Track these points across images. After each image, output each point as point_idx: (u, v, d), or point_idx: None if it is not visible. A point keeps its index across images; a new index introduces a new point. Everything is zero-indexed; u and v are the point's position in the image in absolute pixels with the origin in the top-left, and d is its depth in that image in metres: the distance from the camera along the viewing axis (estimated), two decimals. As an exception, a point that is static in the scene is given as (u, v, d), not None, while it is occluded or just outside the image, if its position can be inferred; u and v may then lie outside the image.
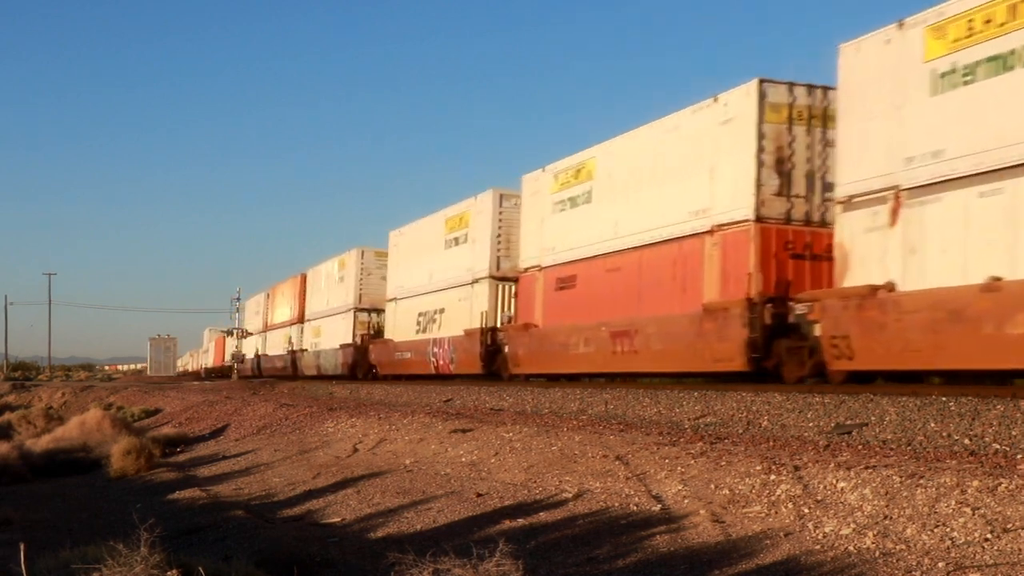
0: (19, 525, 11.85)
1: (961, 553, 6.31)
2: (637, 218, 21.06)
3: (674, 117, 20.30)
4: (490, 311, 27.47)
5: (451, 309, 30.19)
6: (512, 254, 27.52)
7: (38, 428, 27.98)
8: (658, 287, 20.11)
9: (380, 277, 39.26)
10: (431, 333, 31.85)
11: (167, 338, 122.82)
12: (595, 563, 7.55)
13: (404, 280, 34.91)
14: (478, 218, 29.28)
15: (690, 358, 19.08)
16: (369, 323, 39.71)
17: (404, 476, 12.51)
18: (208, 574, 6.02)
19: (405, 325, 34.24)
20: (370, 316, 39.81)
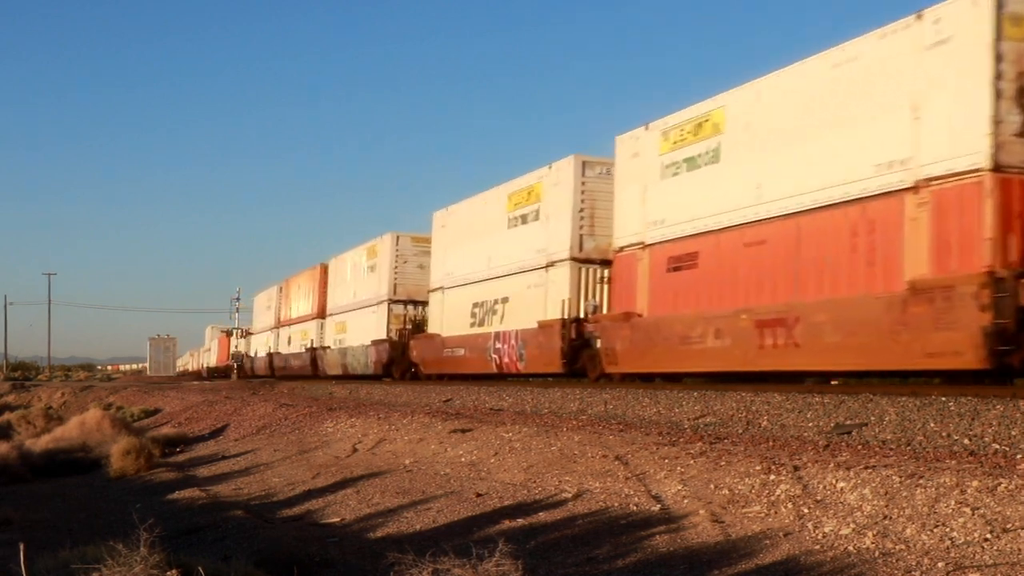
0: (19, 525, 11.85)
1: (961, 553, 6.31)
2: (791, 178, 16.91)
3: (847, 47, 16.22)
4: (572, 299, 23.37)
5: (518, 298, 26.08)
6: (599, 232, 23.44)
7: (38, 428, 27.99)
8: (827, 263, 16.02)
9: (418, 265, 35.64)
10: (491, 326, 27.53)
11: (167, 338, 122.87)
12: (595, 563, 7.55)
13: (454, 266, 30.62)
14: (554, 191, 24.84)
15: (886, 353, 14.86)
16: (405, 316, 35.85)
17: (404, 476, 12.51)
18: (207, 574, 6.02)
19: (456, 318, 30.02)
20: (406, 309, 35.98)
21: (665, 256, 19.92)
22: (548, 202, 25.13)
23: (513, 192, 27.30)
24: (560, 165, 24.66)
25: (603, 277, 23.12)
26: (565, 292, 23.65)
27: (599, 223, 23.62)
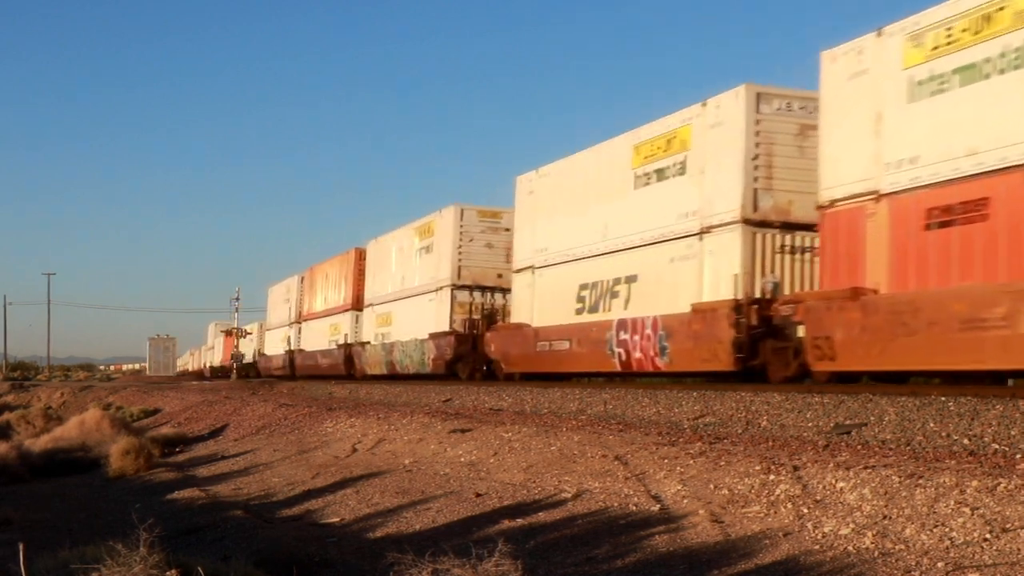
0: (18, 525, 11.85)
1: (960, 553, 6.31)
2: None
3: None
4: (745, 275, 17.88)
5: (653, 276, 20.64)
6: (778, 186, 18.27)
7: (37, 428, 27.99)
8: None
9: (485, 244, 30.65)
10: (609, 312, 21.99)
11: (166, 338, 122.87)
12: (594, 563, 7.55)
13: (549, 240, 25.12)
14: (711, 135, 19.17)
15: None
16: (472, 305, 30.47)
17: (403, 476, 12.51)
18: (207, 574, 6.02)
19: (554, 304, 24.48)
20: (472, 296, 30.61)
21: (921, 207, 14.62)
22: (701, 150, 19.43)
23: (642, 142, 21.48)
24: (723, 100, 19.00)
25: (785, 245, 18.29)
26: (733, 265, 18.14)
27: (779, 175, 18.29)
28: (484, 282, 30.62)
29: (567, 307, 23.88)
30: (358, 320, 40.35)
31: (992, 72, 13.86)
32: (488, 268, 30.63)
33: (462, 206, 31.02)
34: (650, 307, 20.43)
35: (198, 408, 29.26)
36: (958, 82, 14.23)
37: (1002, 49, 13.69)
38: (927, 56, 14.75)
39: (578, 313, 23.45)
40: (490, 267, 30.57)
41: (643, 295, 20.96)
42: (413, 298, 33.73)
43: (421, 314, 32.60)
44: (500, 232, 30.47)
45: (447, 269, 30.94)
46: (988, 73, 13.91)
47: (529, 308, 25.99)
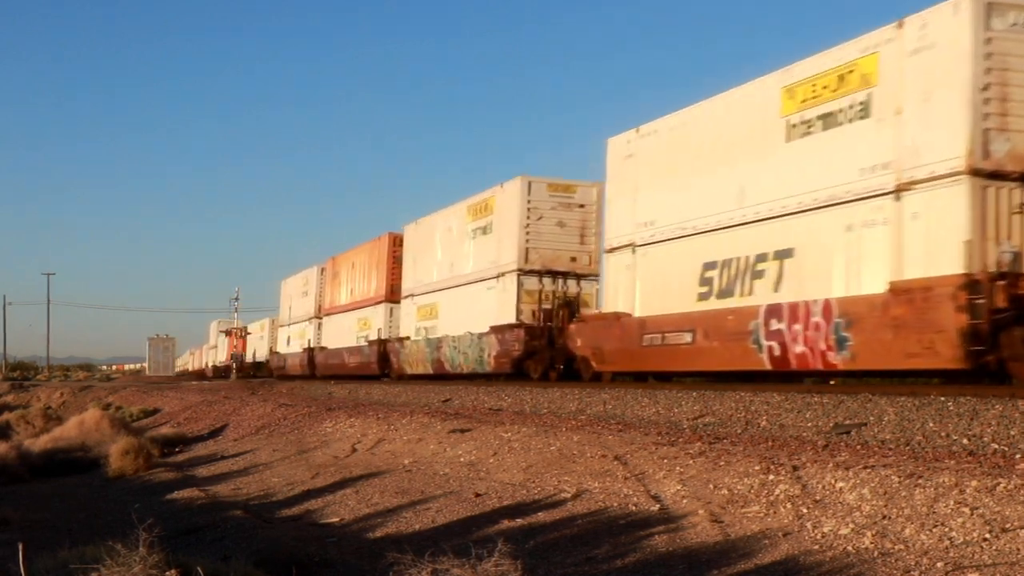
0: (18, 525, 11.84)
1: (960, 553, 6.31)
2: None
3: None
4: (975, 241, 13.77)
5: (817, 249, 16.53)
6: (1015, 124, 14.07)
7: (37, 428, 27.99)
8: None
9: (557, 223, 26.38)
10: (750, 297, 17.88)
11: (166, 338, 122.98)
12: (594, 563, 7.55)
13: (658, 211, 20.72)
14: (910, 63, 14.90)
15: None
16: (542, 293, 26.19)
17: (403, 476, 12.51)
18: (207, 574, 6.02)
19: (665, 288, 20.23)
20: (543, 282, 26.35)
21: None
22: (896, 84, 15.25)
23: (798, 82, 17.29)
24: (931, 16, 14.81)
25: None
26: (955, 229, 14.01)
27: (1017, 110, 14.20)
28: (555, 266, 26.30)
29: (685, 292, 19.58)
30: (392, 313, 36.23)
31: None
32: (560, 250, 26.41)
33: (529, 178, 26.46)
34: (814, 289, 16.34)
35: (197, 408, 29.26)
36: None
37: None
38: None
39: (702, 299, 19.14)
40: (562, 249, 26.43)
41: (803, 274, 16.77)
42: (466, 287, 29.58)
43: (476, 305, 28.39)
44: (573, 208, 26.54)
45: (511, 252, 26.67)
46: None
47: (628, 294, 21.38)
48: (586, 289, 26.36)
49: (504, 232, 27.33)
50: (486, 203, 28.70)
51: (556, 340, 25.19)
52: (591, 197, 26.60)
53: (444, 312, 31.27)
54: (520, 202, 26.46)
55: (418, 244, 34.31)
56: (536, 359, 25.60)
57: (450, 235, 31.38)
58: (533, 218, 26.48)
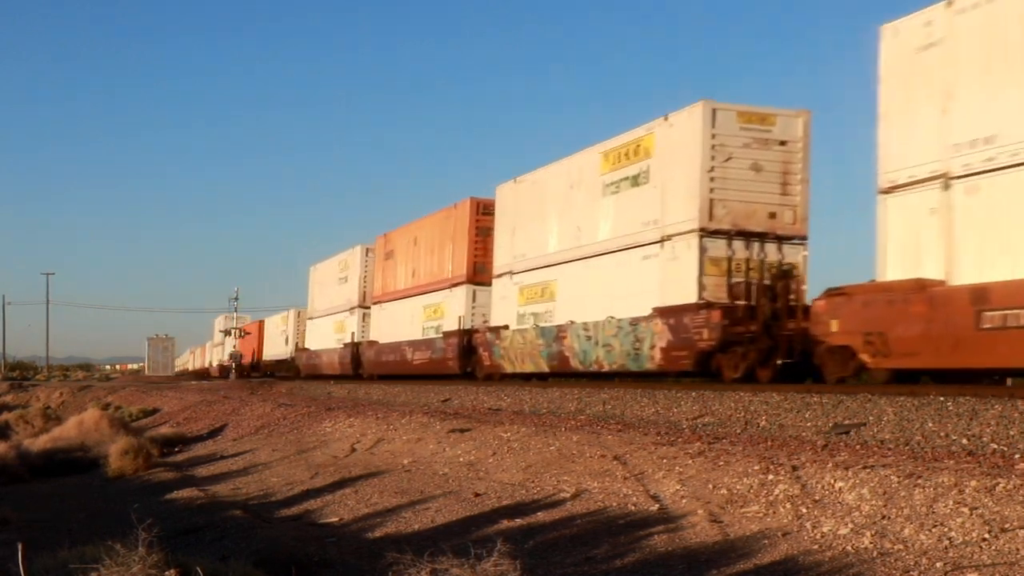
0: (17, 525, 11.84)
1: (959, 553, 6.31)
2: None
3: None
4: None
5: None
6: None
7: (36, 428, 28.02)
8: None
9: (751, 166, 19.45)
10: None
11: (165, 338, 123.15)
12: (593, 563, 7.55)
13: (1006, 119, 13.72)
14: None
15: None
16: (732, 261, 19.28)
17: (402, 476, 12.52)
18: (206, 574, 6.02)
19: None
20: (732, 247, 19.32)
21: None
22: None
23: None
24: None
25: None
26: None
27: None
28: (750, 225, 19.48)
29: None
30: (476, 297, 29.81)
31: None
32: (755, 203, 19.54)
33: (714, 104, 19.52)
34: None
35: (197, 408, 29.26)
36: None
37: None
38: None
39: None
40: (759, 202, 19.55)
41: None
42: (603, 258, 22.60)
43: (623, 281, 21.69)
44: (772, 147, 19.71)
45: (686, 206, 19.72)
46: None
47: (935, 253, 14.73)
48: (789, 256, 19.74)
49: (672, 180, 20.29)
50: (638, 145, 21.61)
51: (775, 326, 18.50)
52: (795, 130, 19.77)
53: (565, 292, 24.18)
54: (701, 137, 19.39)
55: (519, 209, 26.92)
56: (736, 352, 18.59)
57: (573, 193, 24.04)
58: (719, 159, 19.41)
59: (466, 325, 29.86)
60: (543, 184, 25.92)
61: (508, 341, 26.61)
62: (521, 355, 26.00)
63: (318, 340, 47.12)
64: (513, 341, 26.32)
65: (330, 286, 45.81)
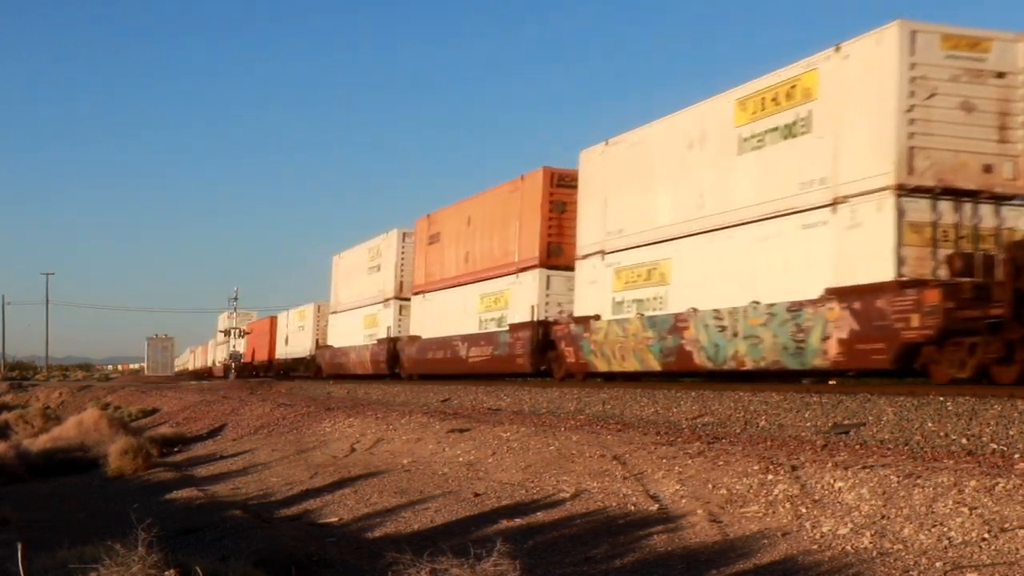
0: (16, 525, 11.83)
1: (959, 553, 6.31)
2: None
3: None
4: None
5: None
6: None
7: (36, 428, 28.02)
8: None
9: (959, 104, 15.17)
10: None
11: (164, 338, 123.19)
12: (593, 563, 7.55)
13: None
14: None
15: None
16: (937, 227, 15.07)
17: (402, 476, 12.52)
18: (206, 574, 6.02)
19: None
20: (937, 209, 15.13)
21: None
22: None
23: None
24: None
25: None
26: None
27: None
28: (958, 181, 15.11)
29: None
30: (551, 284, 25.24)
31: None
32: (966, 153, 15.19)
33: (913, 25, 15.19)
34: None
35: (196, 408, 29.26)
36: None
37: None
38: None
39: None
40: (970, 150, 15.21)
41: None
42: (737, 229, 18.23)
43: (770, 257, 17.38)
44: (986, 81, 15.34)
45: (875, 158, 15.39)
46: None
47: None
48: (1009, 220, 15.38)
49: (849, 126, 15.93)
50: (792, 86, 17.17)
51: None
52: (1016, 59, 15.44)
53: (683, 273, 19.67)
54: (896, 67, 15.07)
55: (612, 176, 22.25)
56: (961, 344, 14.31)
57: (693, 153, 19.64)
58: (920, 96, 15.05)
59: (539, 316, 25.06)
60: (647, 145, 21.08)
61: (601, 334, 21.56)
62: (621, 351, 21.08)
63: (344, 336, 42.25)
64: (609, 334, 21.30)
65: (358, 276, 40.58)
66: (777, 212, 17.25)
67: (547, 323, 24.95)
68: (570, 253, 24.05)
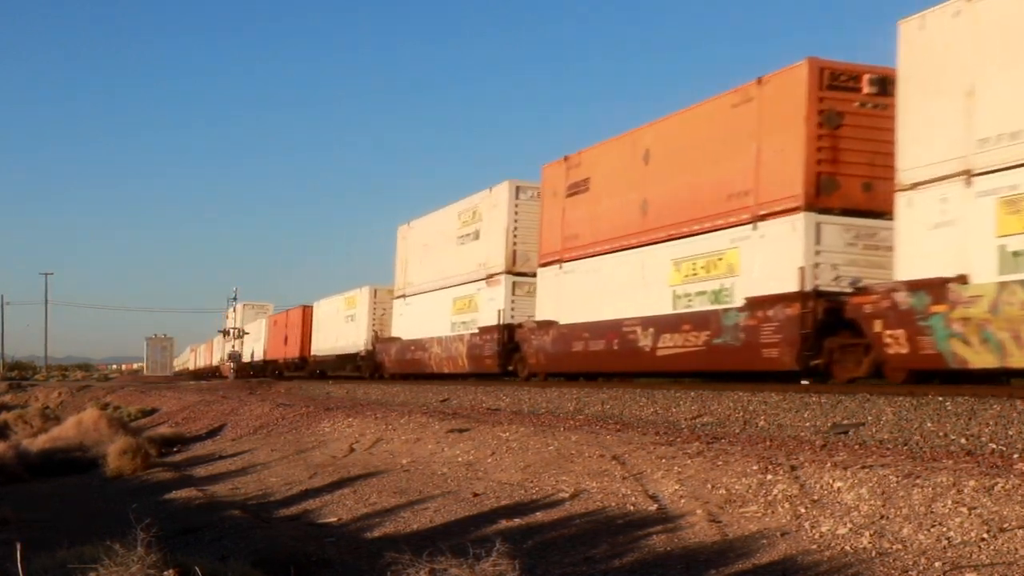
0: (16, 524, 11.83)
1: (958, 553, 6.31)
2: None
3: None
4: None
5: None
6: None
7: (35, 428, 28.00)
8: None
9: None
10: None
11: (164, 337, 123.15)
12: (592, 563, 7.55)
13: None
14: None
15: None
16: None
17: (401, 476, 12.51)
18: (205, 574, 6.02)
19: None
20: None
21: None
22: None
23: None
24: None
25: None
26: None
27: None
28: None
29: None
30: (820, 236, 16.55)
31: None
32: None
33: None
34: None
35: (196, 408, 29.25)
36: None
37: None
38: None
39: None
40: None
41: None
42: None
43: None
44: None
45: None
46: None
47: None
48: None
49: None
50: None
51: None
52: None
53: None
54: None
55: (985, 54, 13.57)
56: None
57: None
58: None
59: (807, 285, 16.32)
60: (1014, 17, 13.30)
61: (986, 307, 13.07)
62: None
63: (418, 325, 33.70)
64: (1002, 307, 12.90)
65: (442, 249, 32.18)
66: None
67: (829, 296, 16.25)
68: (853, 188, 16.70)
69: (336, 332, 46.74)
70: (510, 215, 27.43)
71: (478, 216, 29.73)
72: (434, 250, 33.07)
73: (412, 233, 35.65)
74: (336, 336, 46.60)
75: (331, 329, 47.75)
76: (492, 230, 28.52)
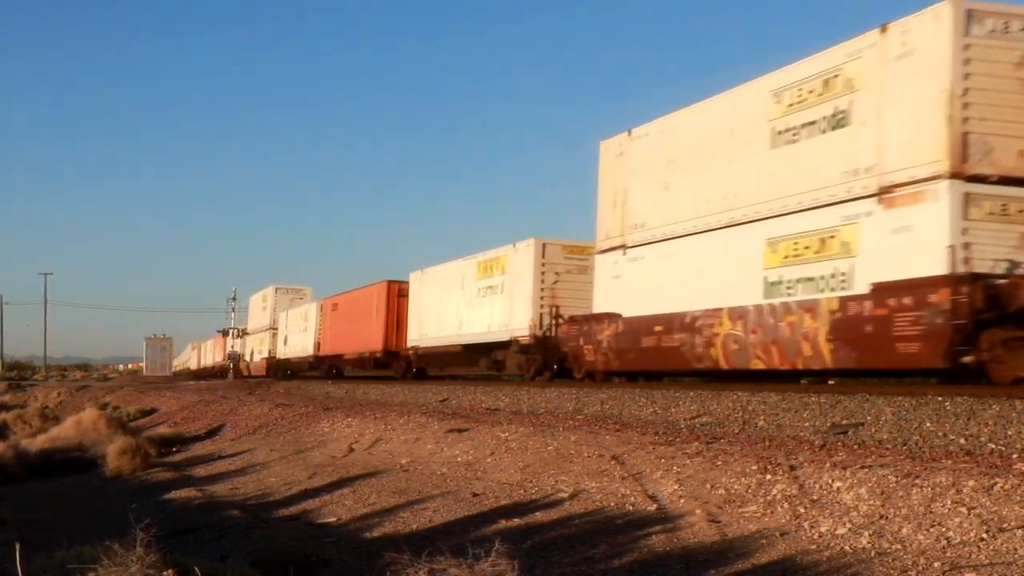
0: (15, 525, 11.83)
1: (957, 553, 6.31)
2: None
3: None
4: None
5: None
6: None
7: (34, 428, 27.99)
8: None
9: None
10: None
11: (163, 337, 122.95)
12: (591, 563, 7.55)
13: None
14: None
15: None
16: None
17: (400, 476, 12.51)
18: (204, 574, 6.02)
19: None
20: None
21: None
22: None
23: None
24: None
25: None
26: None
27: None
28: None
29: None
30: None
31: None
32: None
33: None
34: None
35: (195, 408, 29.24)
36: None
37: None
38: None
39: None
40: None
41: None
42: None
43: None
44: None
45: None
46: None
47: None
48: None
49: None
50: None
51: None
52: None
53: None
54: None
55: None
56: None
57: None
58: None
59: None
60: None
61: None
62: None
63: (667, 291, 20.28)
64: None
65: (736, 152, 18.58)
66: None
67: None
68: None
69: (459, 313, 33.42)
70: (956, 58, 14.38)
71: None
72: (712, 159, 19.34)
73: (641, 145, 21.70)
74: (460, 319, 33.29)
75: (449, 309, 34.35)
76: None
